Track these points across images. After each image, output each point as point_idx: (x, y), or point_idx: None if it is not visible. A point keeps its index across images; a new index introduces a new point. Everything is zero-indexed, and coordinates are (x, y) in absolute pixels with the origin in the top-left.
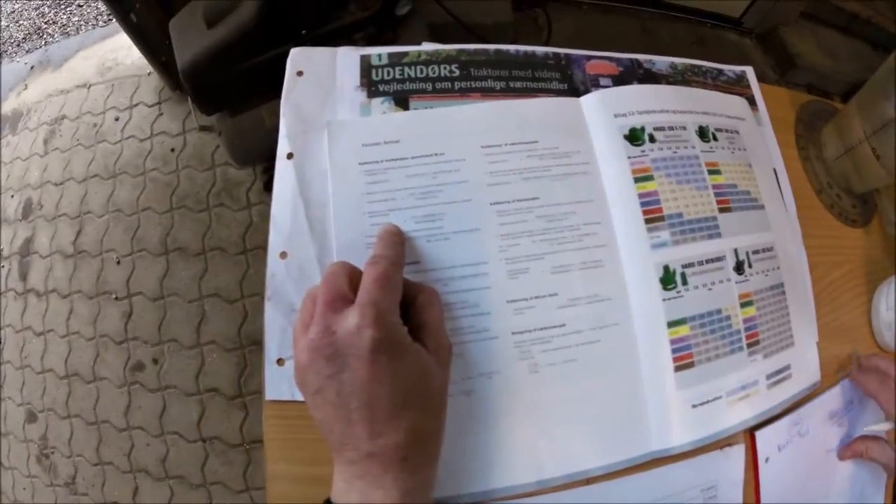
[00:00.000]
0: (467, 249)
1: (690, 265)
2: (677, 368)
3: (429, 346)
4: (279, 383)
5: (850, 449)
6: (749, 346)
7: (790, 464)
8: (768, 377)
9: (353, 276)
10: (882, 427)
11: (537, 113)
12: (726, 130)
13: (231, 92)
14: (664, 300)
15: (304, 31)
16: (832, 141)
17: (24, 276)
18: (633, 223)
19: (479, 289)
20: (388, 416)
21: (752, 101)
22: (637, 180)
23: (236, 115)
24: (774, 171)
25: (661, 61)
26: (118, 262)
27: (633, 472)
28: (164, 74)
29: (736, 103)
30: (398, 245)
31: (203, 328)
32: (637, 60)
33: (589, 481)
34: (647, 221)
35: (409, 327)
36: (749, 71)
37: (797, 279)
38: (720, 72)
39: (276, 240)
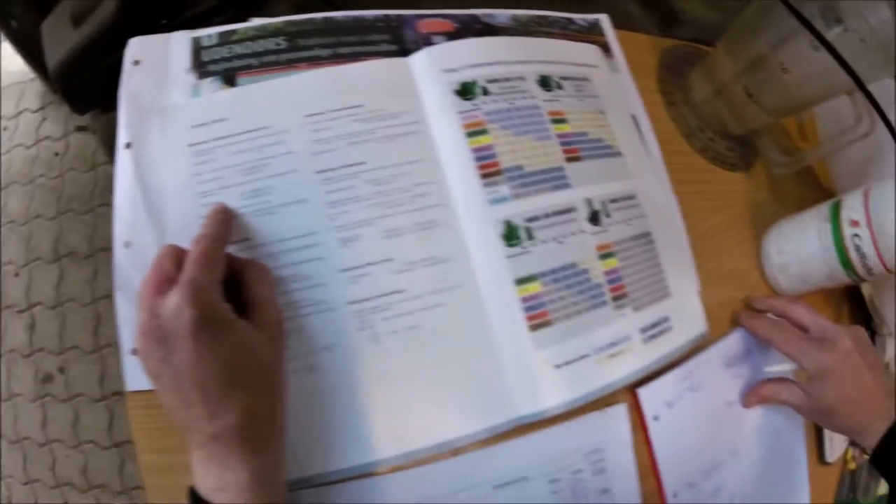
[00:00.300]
0: (295, 221)
1: (536, 219)
2: (533, 328)
3: (257, 323)
4: (138, 373)
5: (755, 394)
6: (615, 299)
7: (686, 420)
8: (643, 331)
9: (180, 258)
10: (786, 367)
11: (362, 76)
12: (574, 78)
13: (101, 89)
14: (509, 257)
15: (164, 21)
16: (701, 84)
17: None
18: (469, 179)
19: (311, 260)
20: (219, 396)
21: (606, 49)
22: (470, 135)
23: (108, 112)
24: (633, 117)
25: (503, 14)
26: (16, 275)
27: (504, 439)
28: (45, 78)
29: (587, 50)
30: (221, 223)
31: (100, 331)
32: (475, 15)
33: (457, 452)
34: (483, 177)
35: (239, 304)
36: (604, 18)
37: (667, 227)
38: (570, 20)
39: (119, 230)
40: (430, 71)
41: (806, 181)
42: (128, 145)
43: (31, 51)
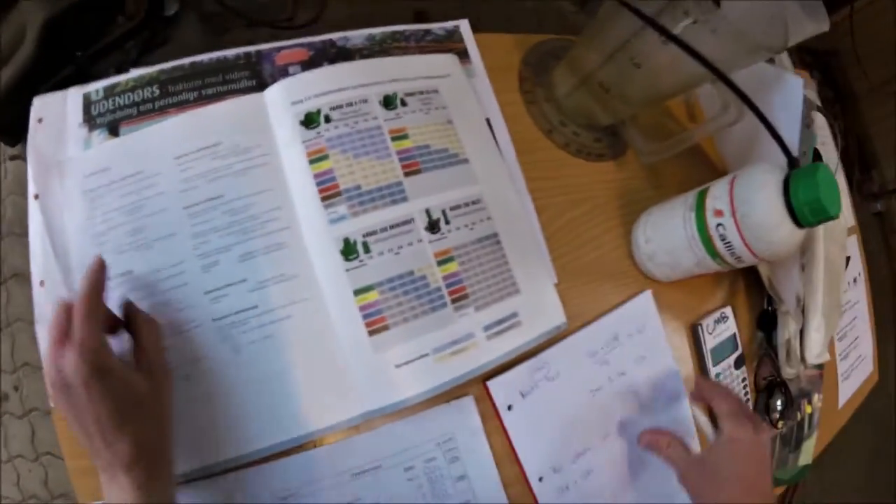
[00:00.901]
0: (167, 253)
1: (372, 233)
2: (371, 332)
3: (142, 366)
4: None
5: (641, 439)
6: (454, 301)
7: (543, 408)
8: (486, 328)
9: (70, 311)
10: (706, 427)
11: (221, 116)
12: (420, 92)
13: (28, 121)
14: (347, 270)
15: (78, 53)
16: (564, 78)
17: None
18: (311, 203)
19: (180, 286)
20: (112, 429)
21: (465, 55)
22: (312, 161)
23: None
24: (488, 120)
25: (358, 35)
26: None
27: (359, 431)
28: None
29: (440, 61)
30: (95, 274)
31: (15, 353)
32: (330, 40)
33: (316, 443)
34: (324, 199)
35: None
36: (463, 24)
37: (516, 226)
38: (427, 32)
39: (35, 271)
40: (281, 104)
41: (696, 163)
42: (36, 196)
43: None
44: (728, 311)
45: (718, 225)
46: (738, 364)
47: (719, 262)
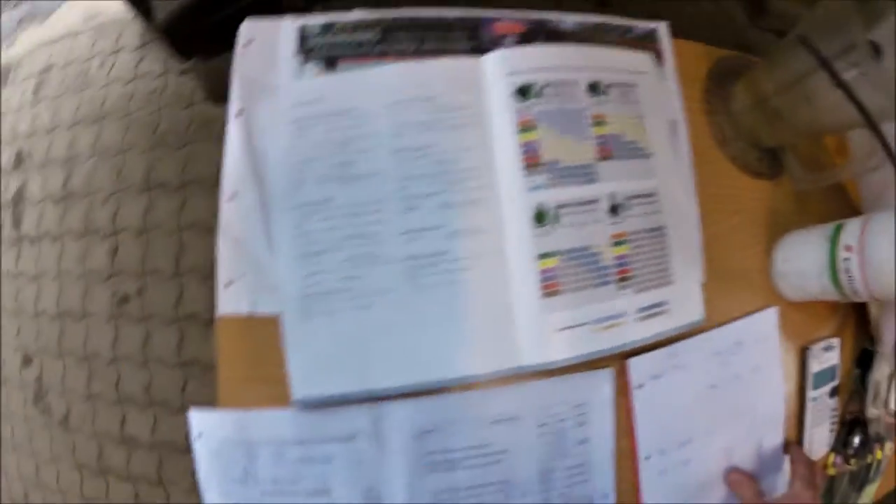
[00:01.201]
0: (369, 191)
1: (564, 206)
2: (545, 295)
3: None
4: (227, 301)
5: (733, 479)
6: (619, 280)
7: (667, 393)
8: (640, 310)
9: None
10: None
11: (440, 71)
12: (621, 85)
13: (204, 41)
14: (535, 235)
15: None
16: (741, 96)
17: (17, 225)
18: (514, 168)
19: (375, 223)
20: None
21: (659, 56)
22: (521, 131)
23: (210, 59)
24: (672, 122)
25: (569, 20)
26: (104, 202)
27: (506, 383)
28: (148, 23)
29: (639, 58)
30: None
31: (182, 259)
32: (544, 20)
33: (469, 387)
34: (527, 167)
35: None
36: (662, 26)
37: (682, 224)
38: (629, 28)
39: (226, 185)
40: (498, 72)
41: (835, 197)
42: (239, 113)
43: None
44: (836, 342)
45: (846, 259)
46: (833, 394)
47: (840, 293)
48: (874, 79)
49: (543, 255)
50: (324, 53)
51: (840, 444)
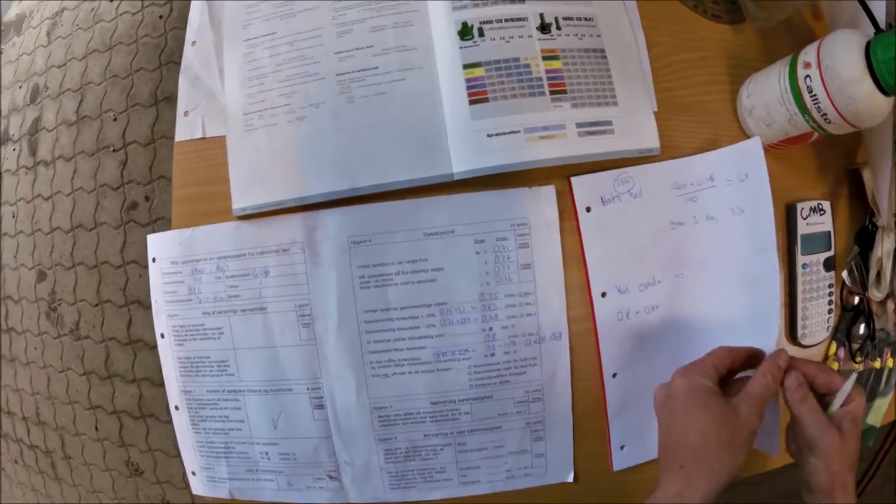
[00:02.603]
0: (308, 21)
1: (489, 22)
2: (472, 102)
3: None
4: (183, 129)
5: (791, 382)
6: (553, 93)
7: (620, 221)
8: (579, 125)
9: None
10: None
11: None
12: None
13: None
14: (461, 48)
15: None
16: None
17: (33, 152)
18: None
19: (314, 46)
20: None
21: None
22: None
23: None
24: None
25: None
26: (115, 119)
27: (438, 193)
28: None
29: None
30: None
31: None
32: None
33: (404, 195)
34: None
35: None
36: None
37: (625, 50)
38: None
39: (189, 33)
40: None
41: (801, 45)
42: None
43: None
44: (826, 205)
45: (806, 76)
46: (828, 266)
47: (807, 118)
48: None
49: (469, 66)
50: None
51: (844, 335)
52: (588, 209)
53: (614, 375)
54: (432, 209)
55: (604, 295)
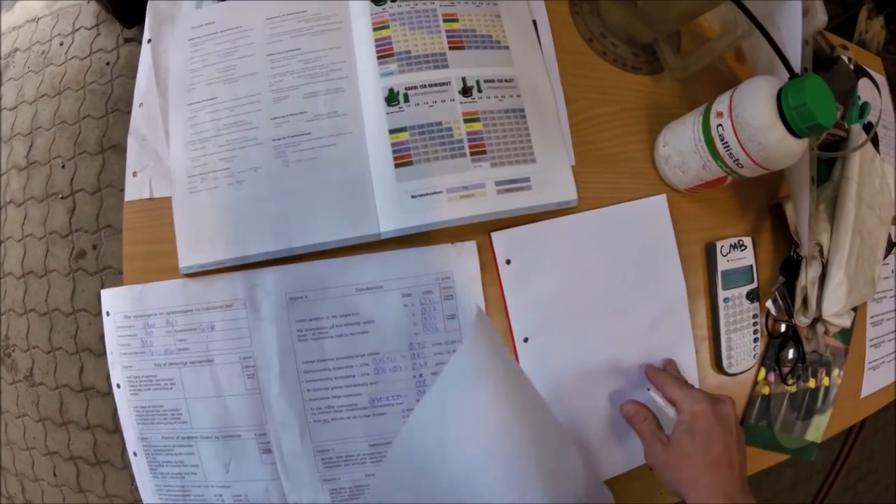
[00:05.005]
0: (248, 87)
1: (413, 87)
2: (397, 165)
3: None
4: (132, 189)
5: (628, 409)
6: (473, 154)
7: (539, 270)
8: (497, 183)
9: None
10: (666, 409)
11: None
12: None
13: (143, 8)
14: (387, 113)
15: None
16: None
17: None
18: (369, 60)
19: (252, 112)
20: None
21: None
22: (376, 29)
23: None
24: (534, 21)
25: None
26: (63, 166)
27: (368, 251)
28: (99, 1)
29: None
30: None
31: None
32: None
33: (337, 253)
34: (380, 58)
35: None
36: None
37: (543, 108)
38: None
39: (137, 94)
40: None
41: (719, 93)
42: (149, 41)
43: None
44: (747, 240)
45: (719, 125)
46: (752, 297)
47: (720, 164)
48: None
49: (394, 131)
50: None
51: (773, 360)
52: (508, 261)
53: None
54: (362, 266)
55: (526, 340)
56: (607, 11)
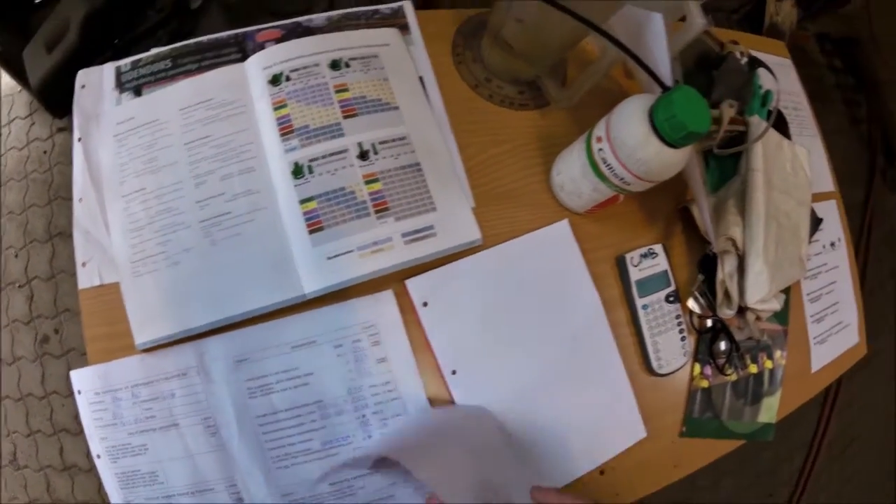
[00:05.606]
0: (171, 175)
1: (315, 159)
2: (311, 231)
3: None
4: (84, 278)
5: (537, 497)
6: (377, 212)
7: (455, 308)
8: (404, 235)
9: None
10: None
11: (214, 79)
12: (362, 58)
13: (72, 97)
14: (295, 186)
15: (116, 41)
16: (486, 41)
17: None
18: (274, 138)
19: (178, 198)
20: None
21: (406, 27)
22: (276, 109)
23: None
24: (421, 78)
25: (319, 17)
26: (16, 256)
27: (298, 311)
28: (30, 91)
29: (381, 34)
30: None
31: None
32: (298, 22)
33: (272, 316)
34: (283, 135)
35: None
36: (406, 4)
37: (438, 158)
38: (376, 11)
39: (75, 191)
40: (255, 69)
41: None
42: (79, 139)
43: (17, 71)
44: (658, 248)
45: (600, 149)
46: (671, 300)
47: (609, 185)
48: None
49: (304, 201)
50: (133, 84)
51: (707, 354)
52: (425, 304)
53: None
54: (294, 326)
55: (454, 373)
56: (489, 56)
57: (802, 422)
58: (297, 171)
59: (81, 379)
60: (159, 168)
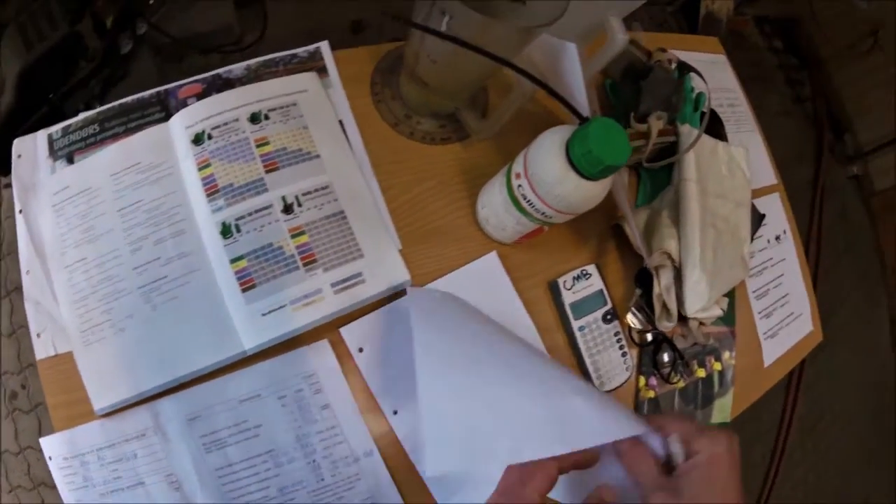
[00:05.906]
0: (108, 243)
1: (242, 217)
2: (244, 290)
3: None
4: (40, 348)
5: (625, 448)
6: (305, 264)
7: (391, 350)
8: (333, 285)
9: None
10: (680, 455)
11: (140, 142)
12: (280, 108)
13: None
14: (225, 246)
15: (51, 95)
16: (403, 78)
17: None
18: (201, 199)
19: (117, 266)
20: None
21: (324, 70)
22: (200, 169)
23: None
24: (341, 122)
25: (238, 67)
26: None
27: (241, 367)
28: None
29: (299, 80)
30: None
31: None
32: (217, 74)
33: (217, 374)
34: (209, 195)
35: None
36: (324, 45)
37: (361, 204)
38: (294, 56)
39: (22, 262)
40: (178, 129)
41: (525, 145)
42: (20, 211)
43: None
44: (591, 268)
45: (519, 185)
46: (608, 318)
47: (532, 219)
48: (464, 18)
49: (234, 260)
50: (65, 152)
51: (651, 366)
52: (360, 349)
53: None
54: (239, 381)
55: (395, 413)
56: (406, 93)
57: (771, 404)
58: (226, 231)
59: (51, 445)
60: (97, 237)
